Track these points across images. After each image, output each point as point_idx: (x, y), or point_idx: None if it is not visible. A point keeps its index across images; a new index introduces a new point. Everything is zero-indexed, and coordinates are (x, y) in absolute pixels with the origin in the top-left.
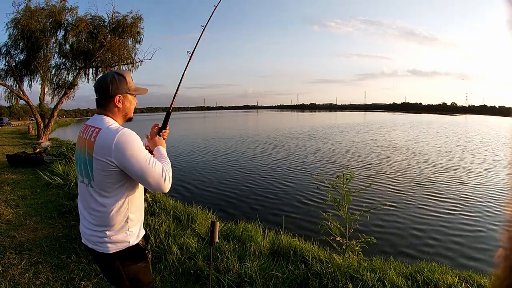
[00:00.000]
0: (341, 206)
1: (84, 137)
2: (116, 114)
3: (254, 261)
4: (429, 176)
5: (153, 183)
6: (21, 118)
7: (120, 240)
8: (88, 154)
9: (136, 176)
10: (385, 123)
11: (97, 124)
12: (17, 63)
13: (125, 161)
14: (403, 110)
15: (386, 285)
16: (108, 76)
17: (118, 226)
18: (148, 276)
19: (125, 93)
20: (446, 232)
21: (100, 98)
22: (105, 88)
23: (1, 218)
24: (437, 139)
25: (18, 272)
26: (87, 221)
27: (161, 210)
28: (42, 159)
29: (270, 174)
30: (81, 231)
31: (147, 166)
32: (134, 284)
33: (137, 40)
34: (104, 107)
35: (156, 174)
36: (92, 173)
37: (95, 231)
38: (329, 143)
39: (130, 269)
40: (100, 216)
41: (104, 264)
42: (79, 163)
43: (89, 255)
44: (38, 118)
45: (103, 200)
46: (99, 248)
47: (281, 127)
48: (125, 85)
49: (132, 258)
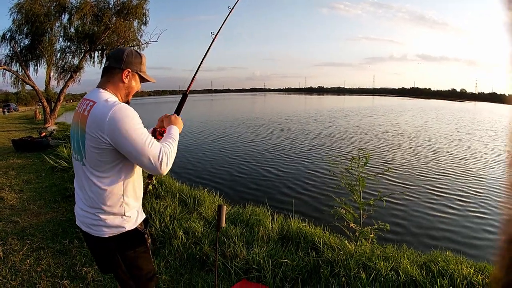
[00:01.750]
0: (356, 191)
1: (79, 111)
2: (119, 89)
3: (262, 247)
4: (444, 164)
5: (147, 164)
6: (28, 103)
7: (116, 224)
8: (81, 129)
9: (129, 155)
10: (394, 108)
11: (93, 98)
12: (22, 48)
13: (118, 138)
14: (412, 95)
15: (400, 275)
16: (126, 49)
17: (113, 209)
18: (147, 262)
19: (136, 72)
20: (461, 222)
21: (110, 66)
22: (119, 58)
23: (5, 203)
24: (452, 127)
25: (19, 258)
26: (81, 202)
27: (167, 193)
28: (48, 143)
29: (280, 157)
30: (75, 212)
31: (142, 145)
32: (132, 272)
33: (142, 21)
34: (109, 76)
35: (151, 154)
36: (84, 150)
37: (89, 213)
38: (342, 127)
39: (128, 254)
40: (93, 197)
41: (98, 248)
42: (73, 139)
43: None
44: (44, 102)
45: (96, 179)
46: (93, 231)
47: (289, 110)
48: (139, 64)
49: (129, 243)
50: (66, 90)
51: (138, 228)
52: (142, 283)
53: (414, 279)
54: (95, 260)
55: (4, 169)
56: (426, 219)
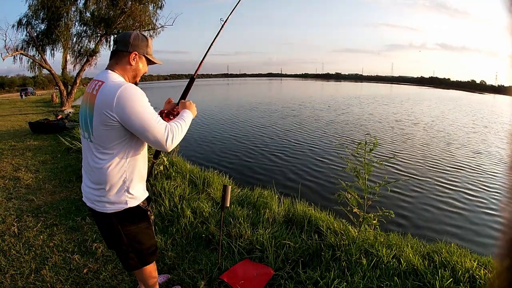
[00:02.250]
0: (361, 176)
1: (88, 91)
2: (126, 71)
3: (267, 229)
4: (457, 157)
5: (153, 139)
6: (45, 87)
7: (119, 201)
8: (89, 107)
9: (137, 131)
10: (412, 97)
11: (102, 78)
12: (38, 33)
13: (126, 115)
14: (431, 85)
15: (401, 263)
16: (132, 32)
17: (117, 186)
18: (149, 237)
19: (142, 54)
20: (468, 214)
21: (117, 49)
22: (126, 41)
23: (21, 182)
24: (469, 119)
25: (33, 234)
26: (87, 179)
27: (177, 173)
28: (64, 125)
29: (290, 142)
30: (82, 188)
31: (149, 121)
32: (134, 246)
33: (158, 5)
34: (117, 59)
35: (158, 130)
36: (92, 127)
37: (93, 189)
38: (355, 115)
39: (130, 229)
40: (98, 173)
41: (102, 223)
42: (81, 117)
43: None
44: (61, 86)
45: (101, 156)
46: (97, 207)
47: (304, 96)
48: (145, 47)
49: (132, 218)
50: (83, 73)
51: (140, 205)
52: (143, 257)
53: (415, 268)
54: (101, 235)
55: (21, 150)
56: (433, 211)
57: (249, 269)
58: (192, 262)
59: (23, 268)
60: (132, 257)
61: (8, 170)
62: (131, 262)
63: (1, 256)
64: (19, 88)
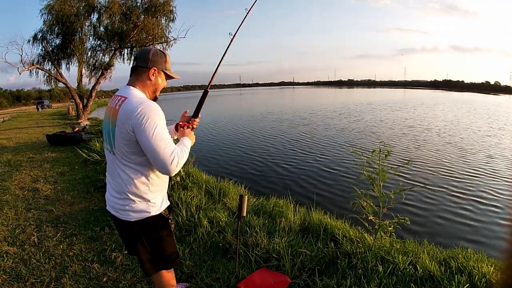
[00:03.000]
0: (376, 184)
1: (111, 106)
2: (146, 86)
3: (283, 237)
4: (472, 161)
5: (159, 162)
6: (61, 100)
7: (141, 209)
8: (112, 121)
9: (145, 150)
10: (425, 101)
11: (124, 94)
12: (53, 48)
13: (139, 132)
14: (445, 88)
15: (418, 270)
16: (151, 49)
17: (139, 195)
18: (170, 245)
19: (161, 70)
20: (484, 218)
21: (137, 65)
22: (145, 57)
23: (40, 193)
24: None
25: (53, 244)
26: (111, 188)
27: (194, 184)
28: (81, 137)
29: (303, 151)
30: (106, 197)
31: (159, 143)
32: (156, 254)
33: (170, 18)
34: (137, 75)
35: (165, 153)
36: (114, 140)
37: (117, 198)
38: (368, 120)
39: (152, 237)
40: (122, 184)
41: (125, 231)
42: (105, 130)
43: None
44: (77, 99)
45: (124, 167)
46: (120, 215)
47: (316, 104)
48: (164, 63)
49: (154, 226)
50: (98, 86)
51: (162, 213)
52: (164, 262)
53: (432, 275)
54: (123, 242)
55: (39, 162)
56: (449, 217)
57: (266, 277)
58: (209, 271)
59: (43, 277)
60: (152, 263)
61: (27, 181)
62: (151, 268)
63: (22, 265)
64: (35, 101)
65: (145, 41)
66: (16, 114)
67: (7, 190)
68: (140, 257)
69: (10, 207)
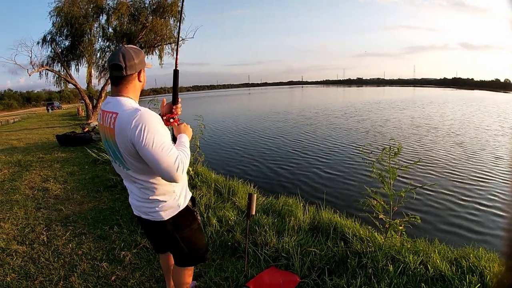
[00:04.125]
0: (386, 182)
1: (104, 124)
2: (137, 90)
3: (292, 236)
4: (480, 159)
5: (164, 171)
6: (71, 101)
7: (171, 206)
8: (112, 141)
9: (148, 161)
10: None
11: (114, 109)
12: (62, 49)
13: (139, 146)
14: (455, 86)
15: (428, 269)
16: (130, 52)
17: (165, 195)
18: (201, 238)
19: (144, 67)
20: (494, 218)
21: (126, 74)
22: (133, 63)
23: (50, 193)
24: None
25: (62, 242)
26: (135, 195)
27: (203, 183)
28: (91, 137)
29: (313, 150)
30: (131, 204)
31: (160, 152)
32: (190, 247)
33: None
34: (126, 83)
35: (169, 161)
36: (122, 158)
37: (144, 203)
38: (378, 118)
39: (184, 232)
40: (145, 189)
41: (158, 231)
42: (109, 150)
43: (137, 225)
44: (86, 100)
45: (143, 182)
46: (153, 217)
47: (325, 103)
48: (144, 59)
49: (184, 221)
50: (107, 87)
51: (188, 206)
52: (199, 256)
53: (443, 274)
54: (152, 242)
55: (49, 162)
56: (460, 215)
57: (275, 277)
58: (218, 270)
59: (52, 275)
60: (186, 257)
61: (37, 181)
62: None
63: (31, 263)
64: (45, 102)
65: (154, 42)
66: (26, 115)
67: (17, 190)
68: (176, 253)
69: (20, 206)
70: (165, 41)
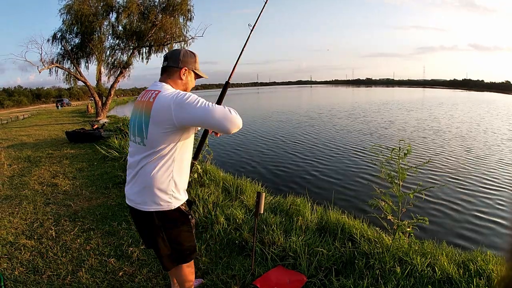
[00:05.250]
0: (395, 183)
1: (143, 99)
2: (177, 85)
3: (300, 236)
4: (489, 162)
5: (218, 119)
6: (80, 98)
7: (163, 201)
8: (145, 113)
9: (200, 120)
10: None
11: (157, 88)
12: (72, 47)
13: (185, 113)
14: (465, 87)
15: (436, 272)
16: (182, 50)
17: (162, 186)
18: (189, 239)
19: (191, 70)
20: (502, 221)
21: (168, 65)
22: (177, 58)
23: (59, 189)
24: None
25: (70, 238)
26: (133, 180)
27: (211, 181)
28: (100, 134)
29: (321, 150)
30: (126, 191)
31: (207, 106)
32: (174, 247)
33: (188, 17)
34: (168, 74)
35: (219, 110)
36: (147, 132)
37: (139, 189)
38: (388, 119)
39: (171, 232)
40: (146, 175)
41: (145, 223)
42: (133, 123)
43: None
44: (96, 97)
45: (151, 158)
46: (141, 207)
47: (333, 103)
48: (194, 63)
49: (174, 221)
50: (117, 85)
51: (182, 209)
52: (182, 256)
53: (450, 277)
54: (141, 236)
55: (59, 158)
56: (468, 219)
57: (282, 276)
58: (225, 268)
59: (59, 270)
60: (169, 256)
61: (46, 176)
62: (169, 262)
63: (39, 258)
64: (55, 99)
65: (163, 40)
66: (36, 112)
67: (27, 185)
68: (158, 251)
69: (29, 201)
70: (174, 39)
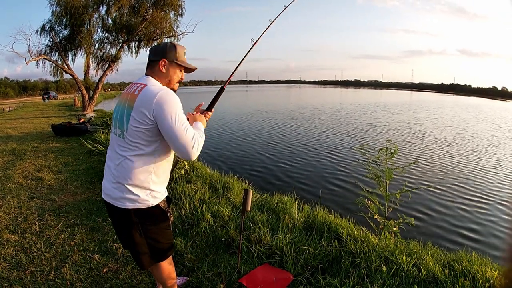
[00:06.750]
0: (382, 182)
1: (128, 92)
2: (160, 78)
3: (286, 234)
4: (478, 163)
5: (181, 147)
6: (67, 91)
7: (141, 198)
8: (128, 105)
9: (167, 135)
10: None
11: (143, 82)
12: (61, 39)
13: (161, 118)
14: (452, 91)
15: (421, 271)
16: (164, 43)
17: (141, 184)
18: (167, 236)
19: (171, 61)
20: (489, 223)
21: (149, 59)
22: (156, 51)
23: (43, 183)
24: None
25: (54, 233)
26: (111, 175)
27: (198, 178)
28: (86, 128)
29: (309, 149)
30: (102, 186)
31: (180, 129)
32: (151, 244)
33: (178, 13)
34: (151, 68)
35: (186, 138)
36: (127, 124)
37: (117, 185)
38: (378, 121)
39: (149, 229)
40: (125, 170)
41: (121, 221)
42: (116, 115)
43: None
44: (83, 90)
45: (131, 153)
46: (118, 203)
47: (323, 103)
48: (174, 54)
49: (151, 218)
50: (104, 79)
51: (160, 206)
52: (158, 254)
53: (435, 277)
54: (117, 233)
55: (44, 152)
56: (453, 220)
57: (268, 274)
58: (211, 265)
59: (43, 266)
60: (147, 254)
61: (30, 170)
62: (145, 259)
63: (22, 253)
64: (41, 92)
65: (153, 35)
66: (22, 104)
67: (11, 179)
68: (135, 249)
69: (13, 195)
70: (164, 34)
